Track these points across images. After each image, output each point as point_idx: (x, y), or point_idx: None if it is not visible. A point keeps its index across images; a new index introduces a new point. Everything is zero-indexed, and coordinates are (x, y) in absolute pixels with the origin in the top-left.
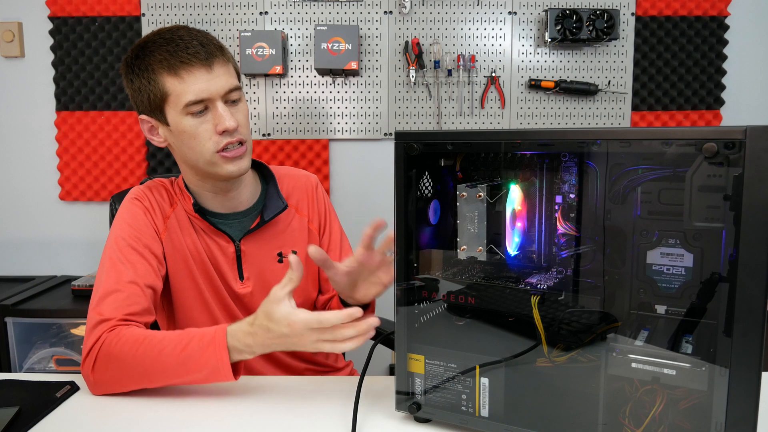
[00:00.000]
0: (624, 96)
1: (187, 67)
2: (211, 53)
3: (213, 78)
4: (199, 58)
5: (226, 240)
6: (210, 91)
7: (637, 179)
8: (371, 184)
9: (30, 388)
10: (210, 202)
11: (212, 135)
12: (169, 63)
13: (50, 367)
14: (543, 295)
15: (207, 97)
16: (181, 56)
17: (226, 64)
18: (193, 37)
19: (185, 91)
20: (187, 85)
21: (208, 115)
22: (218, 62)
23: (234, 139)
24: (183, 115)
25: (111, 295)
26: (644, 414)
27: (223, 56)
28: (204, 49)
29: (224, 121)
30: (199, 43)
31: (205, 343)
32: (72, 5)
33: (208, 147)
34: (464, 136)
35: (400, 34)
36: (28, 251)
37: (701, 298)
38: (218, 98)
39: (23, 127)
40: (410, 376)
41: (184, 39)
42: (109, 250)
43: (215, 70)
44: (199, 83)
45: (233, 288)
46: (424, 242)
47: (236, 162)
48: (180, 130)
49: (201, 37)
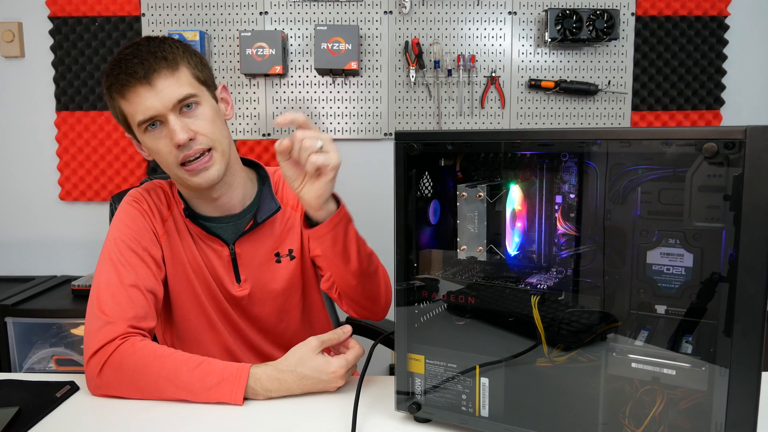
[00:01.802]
0: (624, 96)
1: (129, 88)
2: (150, 68)
3: (156, 94)
4: (136, 77)
5: (220, 243)
6: (156, 108)
7: (637, 179)
8: (371, 184)
9: (30, 388)
10: (201, 207)
11: (171, 149)
12: (117, 86)
13: (50, 367)
14: (543, 295)
15: (155, 114)
16: (122, 78)
17: (171, 74)
18: (136, 54)
19: (134, 112)
20: (133, 105)
21: (164, 130)
22: (161, 75)
23: (191, 151)
24: (142, 132)
25: (114, 297)
26: (644, 414)
27: (167, 68)
28: (142, 65)
29: (175, 135)
30: (139, 60)
31: (224, 379)
32: (72, 5)
33: (170, 161)
34: (464, 136)
35: (400, 34)
36: (28, 251)
37: (701, 298)
38: (168, 111)
39: (23, 127)
40: (410, 376)
41: (127, 58)
42: (108, 252)
43: (157, 84)
44: (142, 102)
45: (230, 291)
46: (424, 242)
47: (201, 174)
48: (147, 146)
49: (144, 52)
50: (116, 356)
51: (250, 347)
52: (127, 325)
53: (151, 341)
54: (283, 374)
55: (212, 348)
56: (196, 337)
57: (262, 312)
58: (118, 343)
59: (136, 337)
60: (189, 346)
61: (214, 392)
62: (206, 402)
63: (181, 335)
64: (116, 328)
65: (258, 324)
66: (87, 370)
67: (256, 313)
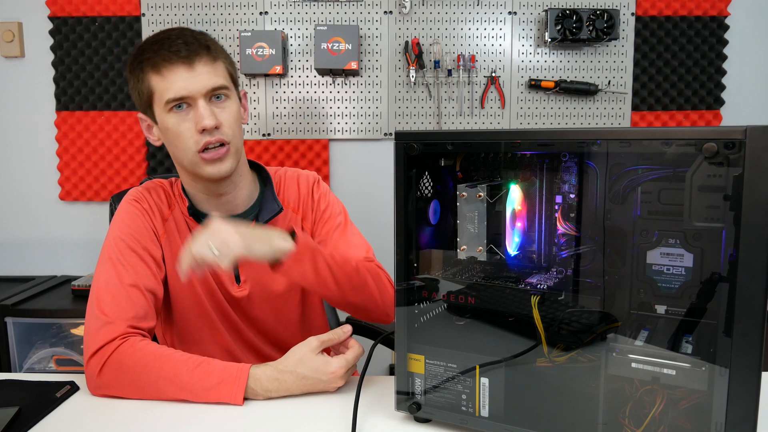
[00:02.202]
0: (624, 96)
1: (168, 65)
2: (194, 51)
3: (194, 76)
4: (179, 56)
5: None
6: (190, 89)
7: (637, 179)
8: (371, 184)
9: (30, 388)
10: (204, 205)
11: (193, 134)
12: (153, 61)
13: (50, 367)
14: (543, 295)
15: (187, 95)
16: (163, 54)
17: (212, 62)
18: (180, 36)
19: (166, 89)
20: (167, 82)
21: (190, 114)
22: (202, 61)
23: (214, 138)
24: (166, 112)
25: (114, 297)
26: (644, 414)
27: (208, 55)
28: (187, 47)
29: (203, 120)
30: (183, 41)
31: (224, 379)
32: (72, 5)
33: (189, 146)
34: (464, 136)
35: (400, 34)
36: (28, 251)
37: (701, 298)
38: (199, 96)
39: (23, 127)
40: (410, 376)
41: (171, 38)
42: (108, 251)
43: (197, 68)
44: (179, 81)
45: (230, 291)
46: (424, 242)
47: (216, 164)
48: (165, 128)
49: (189, 36)
50: (116, 356)
51: (249, 348)
52: (127, 325)
53: (151, 341)
54: (283, 374)
55: (212, 348)
56: (196, 337)
57: (261, 313)
58: (118, 343)
59: (136, 338)
60: (189, 346)
61: (213, 392)
62: (206, 402)
63: (181, 335)
64: (116, 328)
65: (257, 325)
66: (87, 371)
67: (255, 314)
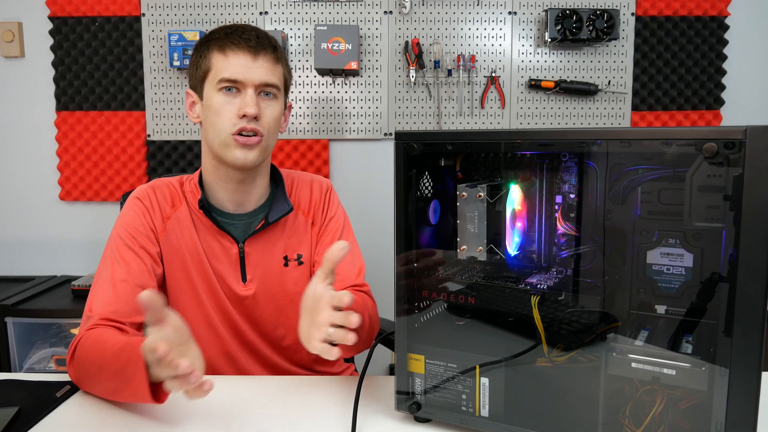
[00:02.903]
0: (624, 96)
1: (234, 48)
2: (262, 45)
3: (254, 66)
4: (248, 44)
5: (230, 240)
6: (245, 75)
7: (637, 179)
8: (371, 184)
9: (30, 388)
10: (221, 195)
11: (233, 116)
12: (221, 41)
13: (50, 367)
14: (543, 295)
15: (241, 79)
16: (233, 38)
17: (274, 61)
18: (255, 30)
19: (224, 68)
20: (228, 63)
21: (237, 99)
22: (265, 55)
23: (250, 126)
24: (215, 90)
25: (102, 293)
26: (644, 414)
27: (274, 53)
28: (257, 39)
29: (246, 106)
30: (256, 34)
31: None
32: (72, 5)
33: (226, 127)
34: (464, 136)
35: (400, 34)
36: (28, 251)
37: (701, 298)
38: (251, 85)
39: (23, 127)
40: (410, 376)
41: (246, 29)
42: (107, 249)
43: (259, 60)
44: (239, 65)
45: (234, 290)
46: (424, 242)
47: (245, 150)
48: (209, 104)
49: (262, 32)
50: (79, 346)
51: (248, 349)
52: (103, 318)
53: (108, 330)
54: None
55: (209, 349)
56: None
57: (264, 314)
58: (83, 335)
59: (98, 328)
60: None
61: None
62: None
63: None
64: (91, 322)
65: (258, 326)
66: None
67: (257, 314)
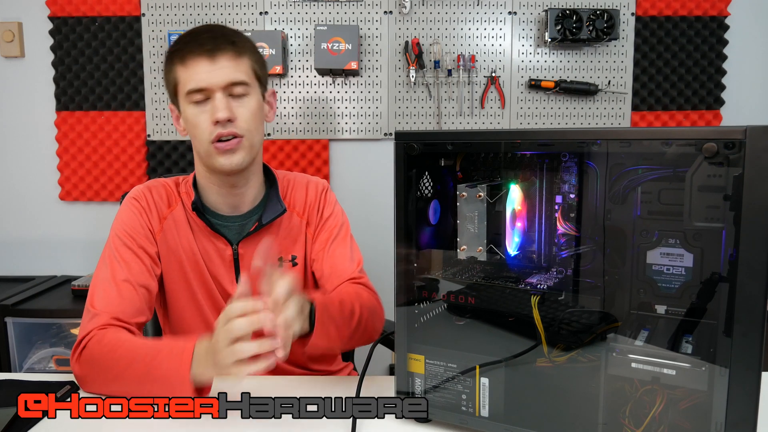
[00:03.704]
0: (624, 96)
1: (192, 56)
2: (218, 45)
3: (215, 69)
4: (203, 48)
5: (224, 242)
6: (209, 82)
7: (637, 179)
8: (371, 184)
9: (30, 388)
10: (214, 198)
11: (209, 125)
12: (181, 52)
13: (50, 367)
14: (543, 295)
15: (206, 87)
16: (189, 46)
17: (235, 57)
18: (210, 30)
19: (188, 80)
20: (190, 73)
21: (208, 106)
22: (225, 55)
23: (226, 131)
24: (187, 103)
25: (105, 292)
26: (644, 414)
27: (233, 49)
28: (212, 41)
29: (216, 112)
30: (211, 36)
31: (174, 354)
32: (72, 5)
33: (204, 137)
34: (464, 136)
35: (400, 34)
36: (28, 251)
37: (701, 298)
38: (218, 89)
39: (23, 127)
40: (410, 376)
41: (200, 32)
42: (107, 248)
43: (219, 62)
44: (200, 73)
45: (229, 291)
46: (424, 242)
47: (227, 155)
48: (186, 117)
49: (218, 31)
50: (89, 346)
51: None
52: (111, 317)
53: (123, 331)
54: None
55: None
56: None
57: None
58: (94, 333)
59: (111, 329)
60: None
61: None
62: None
63: (177, 333)
64: (99, 320)
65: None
66: (71, 361)
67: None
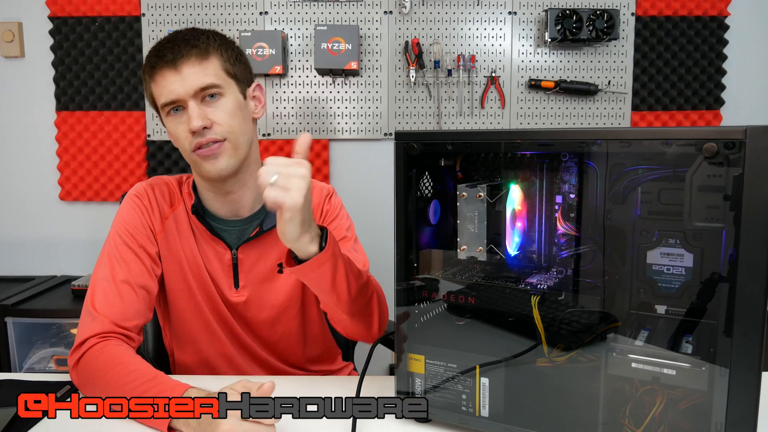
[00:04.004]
0: (624, 96)
1: (158, 71)
2: (179, 54)
3: (180, 79)
4: (164, 60)
5: (223, 246)
6: (178, 92)
7: (637, 179)
8: (371, 184)
9: (30, 388)
10: (212, 203)
11: (188, 135)
12: (149, 68)
13: (50, 367)
14: (543, 295)
15: (176, 98)
16: (153, 61)
17: (199, 62)
18: (171, 39)
19: (159, 94)
20: (159, 87)
21: (184, 116)
22: (188, 62)
23: (204, 139)
24: (165, 116)
25: (105, 293)
26: (644, 414)
27: (197, 55)
28: (172, 51)
29: (190, 121)
30: (171, 45)
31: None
32: (72, 5)
33: (185, 147)
34: (464, 136)
35: (400, 34)
36: (28, 251)
37: (701, 298)
38: (188, 98)
39: (23, 127)
40: (410, 376)
41: (162, 43)
42: (106, 246)
43: (183, 70)
44: (168, 85)
45: (226, 296)
46: (424, 242)
47: (210, 161)
48: (168, 130)
49: (179, 38)
50: (88, 355)
51: (246, 351)
52: (111, 322)
53: (122, 345)
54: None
55: (208, 349)
56: (191, 337)
57: (259, 321)
58: (95, 341)
59: (112, 340)
60: (185, 346)
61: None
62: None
63: (177, 335)
64: (99, 325)
65: (255, 331)
66: (69, 361)
67: (252, 321)
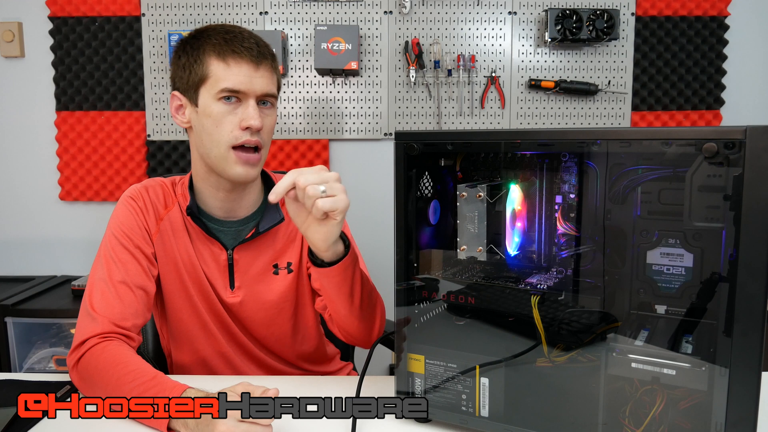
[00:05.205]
0: (624, 96)
1: (236, 57)
2: (263, 54)
3: (257, 76)
4: (250, 53)
5: (219, 247)
6: (249, 86)
7: (637, 179)
8: (371, 184)
9: (30, 388)
10: (211, 202)
11: (234, 128)
12: (221, 48)
13: (50, 367)
14: (543, 295)
15: (244, 90)
16: (234, 46)
17: (271, 71)
18: (253, 37)
19: (226, 78)
20: (230, 72)
21: (238, 109)
22: (266, 65)
23: (254, 139)
24: (215, 99)
25: (103, 294)
26: (644, 414)
27: (272, 63)
28: (258, 48)
29: (250, 119)
30: (255, 42)
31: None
32: (72, 5)
33: (225, 138)
34: (464, 136)
35: (400, 34)
36: (28, 251)
37: (701, 298)
38: (253, 96)
39: (23, 127)
40: (410, 376)
41: (243, 34)
42: (103, 247)
43: (261, 70)
44: (242, 75)
45: (222, 296)
46: (424, 242)
47: (247, 167)
48: (207, 113)
49: (260, 40)
50: (88, 355)
51: (242, 351)
52: (111, 323)
53: (122, 345)
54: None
55: (204, 348)
56: (188, 337)
57: (254, 321)
58: (95, 341)
59: (112, 341)
60: (182, 346)
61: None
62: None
63: (174, 334)
64: (98, 325)
65: (250, 332)
66: (68, 360)
67: (247, 321)
